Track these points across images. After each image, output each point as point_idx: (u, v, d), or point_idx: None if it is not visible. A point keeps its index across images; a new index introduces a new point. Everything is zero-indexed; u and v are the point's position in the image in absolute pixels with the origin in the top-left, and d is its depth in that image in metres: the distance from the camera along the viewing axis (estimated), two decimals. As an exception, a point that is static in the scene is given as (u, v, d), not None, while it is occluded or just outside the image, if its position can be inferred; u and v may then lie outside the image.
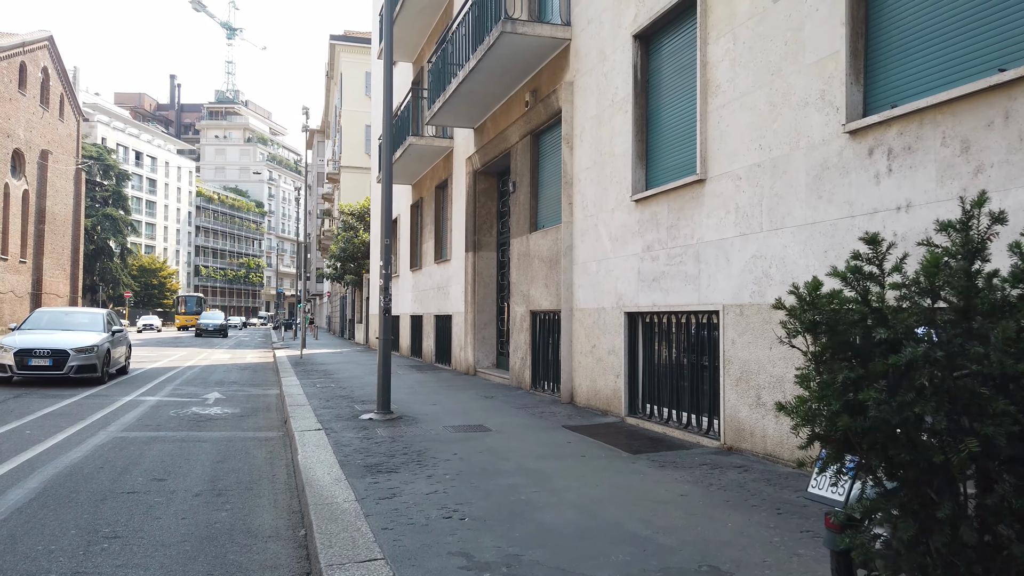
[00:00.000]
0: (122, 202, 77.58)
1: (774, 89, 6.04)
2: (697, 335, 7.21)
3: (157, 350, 26.44)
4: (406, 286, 21.23)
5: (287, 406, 9.95)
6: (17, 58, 41.04)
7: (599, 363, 9.01)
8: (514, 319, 12.14)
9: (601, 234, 9.06)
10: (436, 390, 11.78)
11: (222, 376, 15.85)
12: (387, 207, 8.86)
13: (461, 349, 15.15)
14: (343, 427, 7.90)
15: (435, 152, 16.80)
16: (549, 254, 10.69)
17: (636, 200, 8.17)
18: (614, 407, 8.61)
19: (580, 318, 9.60)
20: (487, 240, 14.51)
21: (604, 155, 8.99)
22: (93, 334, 13.41)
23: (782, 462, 5.83)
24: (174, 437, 7.94)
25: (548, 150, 11.20)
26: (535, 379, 11.32)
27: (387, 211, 8.85)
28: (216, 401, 11.28)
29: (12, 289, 41.40)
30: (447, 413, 9.05)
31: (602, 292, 9.00)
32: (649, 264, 7.92)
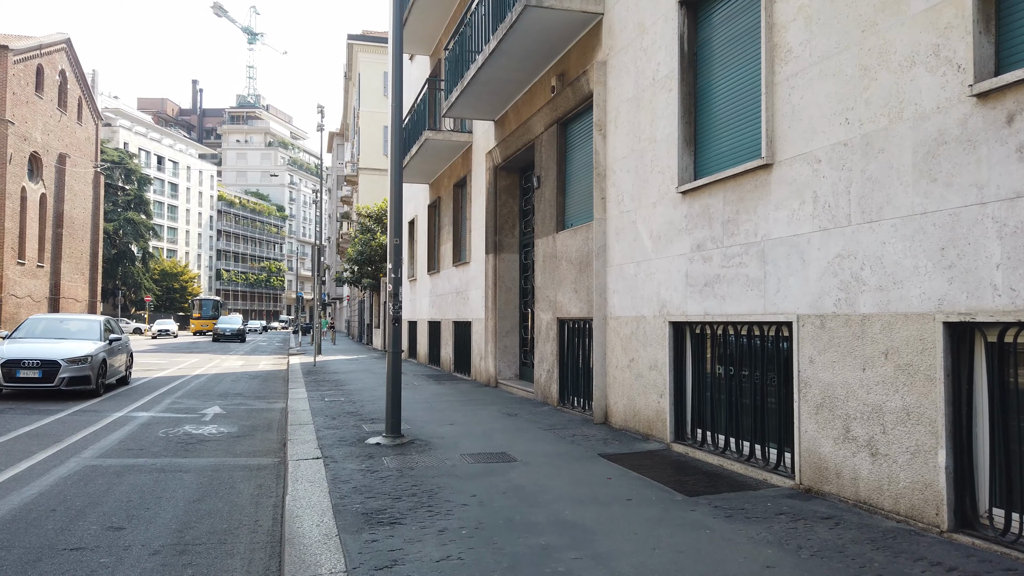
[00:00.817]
0: (143, 206, 77.60)
1: (866, 48, 4.89)
2: (762, 350, 6.07)
3: (168, 356, 25.68)
4: (424, 291, 20.21)
5: (289, 425, 8.95)
6: (34, 61, 40.75)
7: (638, 379, 7.88)
8: (539, 327, 11.04)
9: (640, 232, 7.94)
10: (453, 406, 10.71)
11: (228, 387, 14.92)
12: (396, 202, 7.80)
13: (481, 359, 14.08)
14: (346, 455, 6.84)
15: (453, 148, 15.76)
16: (578, 255, 9.58)
17: (683, 192, 7.04)
18: (657, 431, 7.48)
19: (615, 327, 8.48)
20: (509, 241, 13.43)
21: (643, 142, 7.87)
22: (88, 343, 12.52)
23: (881, 512, 4.67)
24: (153, 466, 6.94)
25: (577, 140, 10.10)
26: (563, 394, 10.21)
27: (396, 207, 7.80)
28: (214, 418, 10.30)
29: (30, 294, 41.07)
30: (465, 436, 7.97)
31: (641, 298, 7.88)
32: (700, 266, 6.79)
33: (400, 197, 7.84)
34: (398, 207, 7.80)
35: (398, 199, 7.81)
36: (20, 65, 39.14)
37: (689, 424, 7.16)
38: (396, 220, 7.76)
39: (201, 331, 58.66)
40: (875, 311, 4.75)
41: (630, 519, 4.69)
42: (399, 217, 7.77)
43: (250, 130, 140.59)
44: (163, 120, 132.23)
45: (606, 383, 8.71)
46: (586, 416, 9.25)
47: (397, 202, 7.81)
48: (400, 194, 7.84)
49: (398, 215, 7.77)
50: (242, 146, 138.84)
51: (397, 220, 7.76)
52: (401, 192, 7.85)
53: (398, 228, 7.75)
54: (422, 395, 12.18)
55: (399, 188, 7.82)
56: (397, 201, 7.81)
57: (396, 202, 7.80)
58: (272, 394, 13.62)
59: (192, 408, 11.27)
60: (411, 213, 22.47)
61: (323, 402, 11.21)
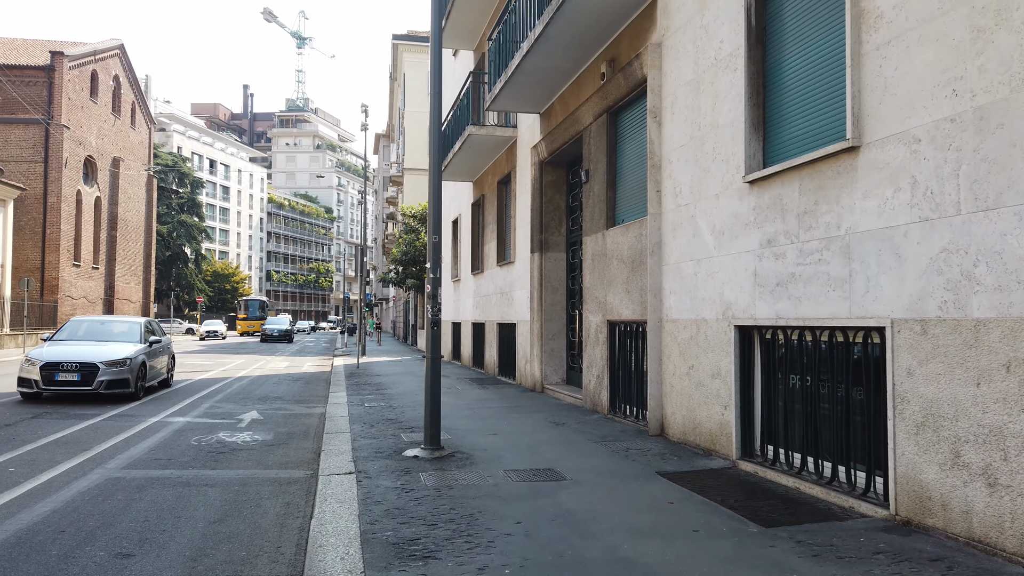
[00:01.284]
0: (196, 209, 79.15)
1: (979, 7, 4.15)
2: (846, 359, 5.34)
3: (215, 358, 25.75)
4: (467, 291, 19.73)
5: (325, 434, 8.51)
6: (88, 67, 41.66)
7: (699, 389, 7.19)
8: (588, 330, 10.40)
9: (700, 227, 7.24)
10: (497, 413, 10.15)
11: (269, 390, 14.64)
12: (436, 198, 7.26)
13: (527, 362, 13.49)
14: (380, 469, 6.33)
15: (497, 143, 15.21)
16: (631, 253, 8.92)
17: (750, 182, 6.34)
18: (721, 446, 6.78)
19: (672, 331, 7.80)
20: (555, 239, 12.81)
21: (704, 128, 7.17)
22: (128, 345, 12.33)
23: (1002, 555, 3.93)
24: (178, 479, 6.53)
25: (628, 130, 9.43)
26: (614, 402, 9.55)
27: (436, 202, 7.25)
28: (250, 424, 9.94)
29: (85, 295, 42.01)
30: (509, 448, 7.39)
31: (702, 300, 7.18)
32: (770, 264, 6.07)
33: (439, 192, 7.29)
34: (437, 202, 7.26)
35: (437, 194, 7.27)
36: (75, 71, 40.04)
37: (758, 440, 6.44)
38: (435, 216, 7.22)
39: (248, 332, 57.73)
40: (993, 315, 4.01)
41: (699, 557, 4.04)
42: (438, 213, 7.23)
43: (299, 133, 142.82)
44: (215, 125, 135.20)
45: (662, 392, 8.03)
46: (640, 427, 8.58)
47: (436, 197, 7.27)
48: (439, 189, 7.29)
49: (437, 211, 7.23)
50: (291, 149, 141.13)
51: (436, 216, 7.22)
52: (440, 187, 7.31)
53: (437, 225, 7.21)
54: (465, 400, 11.65)
55: (439, 182, 7.28)
56: (436, 196, 7.27)
57: (435, 197, 7.27)
58: (312, 398, 13.27)
59: (229, 413, 10.95)
60: (454, 212, 22.02)
61: (362, 407, 10.77)
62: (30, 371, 11.34)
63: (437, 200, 7.28)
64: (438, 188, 7.29)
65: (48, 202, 38.16)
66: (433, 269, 7.15)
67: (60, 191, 38.34)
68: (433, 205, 7.25)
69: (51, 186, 38.21)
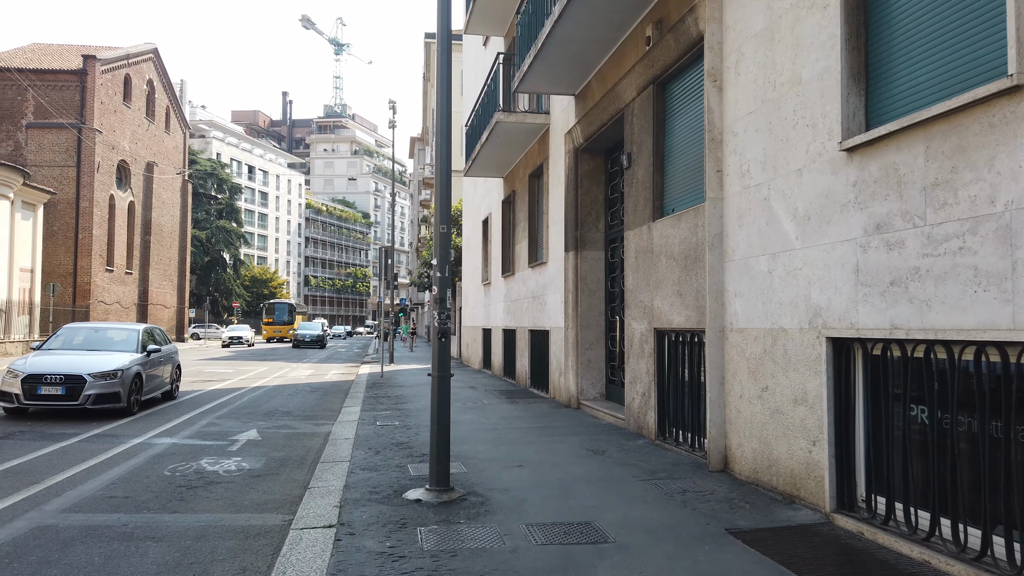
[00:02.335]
0: (234, 215, 79.36)
1: None
2: (1004, 386, 3.80)
3: (237, 365, 24.81)
4: (498, 295, 18.35)
5: (319, 463, 7.21)
6: (121, 71, 41.49)
7: (776, 417, 5.68)
8: (630, 339, 8.93)
9: (776, 212, 5.74)
10: (525, 435, 8.73)
11: (281, 402, 13.45)
12: (444, 180, 5.88)
13: (560, 374, 12.05)
14: (370, 521, 4.97)
15: (528, 132, 13.81)
16: (683, 249, 7.44)
17: (849, 149, 4.83)
18: (807, 492, 5.26)
19: (738, 344, 6.29)
20: (592, 236, 11.36)
21: (781, 87, 5.68)
22: (122, 355, 11.22)
23: None
24: (122, 528, 5.25)
25: (679, 103, 7.95)
26: (663, 425, 8.06)
27: (444, 185, 5.87)
28: (244, 447, 8.69)
29: (118, 300, 41.78)
30: (536, 487, 5.98)
31: (779, 304, 5.67)
32: (880, 256, 4.56)
33: (448, 172, 5.91)
34: (446, 187, 5.87)
35: (446, 178, 5.89)
36: (108, 75, 39.84)
37: (861, 487, 4.92)
38: (443, 202, 5.84)
39: (275, 337, 53.90)
40: None
41: None
42: (447, 198, 5.85)
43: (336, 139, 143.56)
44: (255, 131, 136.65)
45: (725, 417, 6.52)
46: (696, 458, 7.07)
47: (445, 181, 5.89)
48: (448, 169, 5.92)
49: (446, 196, 5.84)
50: (329, 155, 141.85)
51: (444, 202, 5.84)
52: (449, 168, 5.93)
53: (445, 211, 5.83)
54: (490, 418, 10.26)
55: (447, 161, 5.91)
56: (445, 180, 5.89)
57: (444, 181, 5.89)
58: (325, 412, 12.01)
59: (225, 432, 9.72)
60: (484, 211, 20.70)
61: (373, 427, 9.47)
62: (11, 384, 10.29)
63: (446, 185, 5.90)
64: (447, 170, 5.91)
65: (80, 207, 37.95)
66: (441, 265, 5.77)
67: (92, 196, 38.10)
68: (441, 189, 5.87)
69: (83, 191, 38.00)
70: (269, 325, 54.93)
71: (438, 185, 5.86)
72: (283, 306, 56.92)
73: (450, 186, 5.85)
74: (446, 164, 5.87)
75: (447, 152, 5.87)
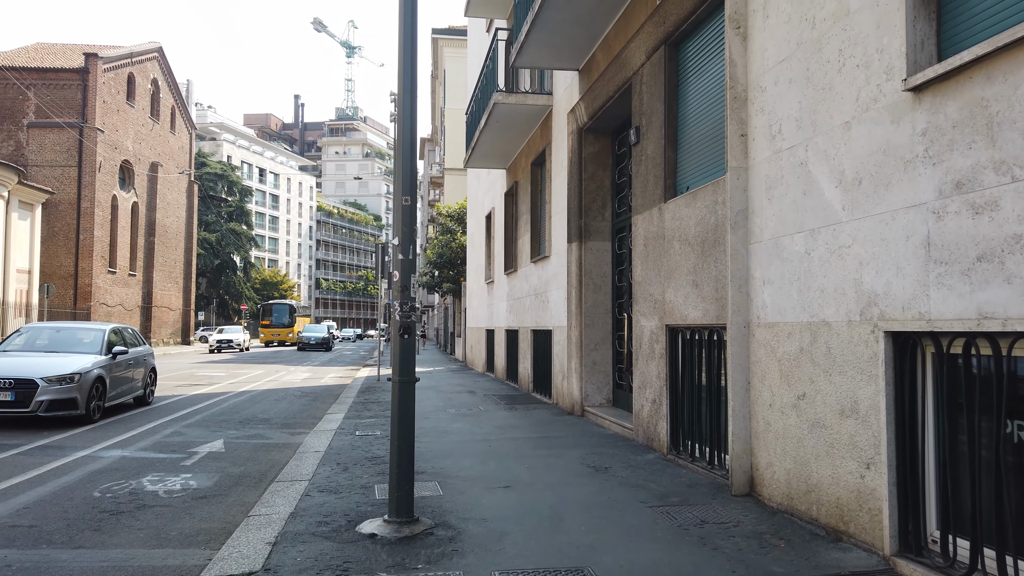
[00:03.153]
0: (245, 217, 78.83)
1: None
2: None
3: (232, 368, 23.88)
4: (501, 294, 17.28)
5: (274, 482, 6.19)
6: (124, 69, 40.82)
7: (817, 432, 4.58)
8: (639, 338, 7.84)
9: (816, 178, 4.65)
10: (520, 448, 7.66)
11: (263, 408, 12.45)
12: (408, 145, 4.83)
13: (564, 377, 10.96)
14: (303, 565, 3.94)
15: (530, 115, 12.75)
16: (700, 231, 6.35)
17: (917, 87, 3.74)
18: (860, 528, 4.16)
19: (767, 341, 5.20)
20: (598, 225, 10.28)
21: (822, 23, 4.59)
22: (82, 358, 10.25)
23: None
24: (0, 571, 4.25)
25: (695, 63, 6.87)
26: (676, 437, 6.96)
27: (408, 148, 4.82)
28: (200, 461, 7.68)
29: (121, 302, 41.09)
30: (522, 516, 4.91)
31: (820, 291, 4.58)
32: (963, 223, 3.47)
33: (411, 132, 4.86)
34: (409, 148, 4.82)
35: (410, 136, 4.85)
36: (110, 74, 39.16)
37: (932, 525, 3.81)
38: (406, 168, 4.78)
39: (273, 341, 49.43)
40: None
41: None
42: (411, 163, 4.80)
43: (348, 142, 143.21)
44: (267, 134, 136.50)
45: (751, 430, 5.43)
46: (716, 477, 5.97)
47: (408, 142, 4.84)
48: (411, 128, 4.87)
49: (409, 158, 4.79)
50: (340, 158, 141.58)
51: (408, 168, 4.78)
52: (412, 126, 4.88)
53: (409, 180, 4.78)
54: (484, 428, 9.21)
55: (411, 119, 4.85)
56: (408, 140, 4.84)
57: (407, 142, 4.84)
58: (305, 420, 10.99)
59: (187, 443, 8.72)
60: (488, 205, 19.67)
61: (351, 437, 8.44)
62: (-44, 389, 9.33)
63: (409, 148, 4.84)
64: (411, 129, 4.86)
65: (81, 207, 37.24)
66: (404, 246, 4.71)
67: (93, 196, 37.37)
68: (403, 153, 4.82)
69: (84, 191, 37.28)
70: (267, 328, 50.18)
71: (400, 147, 4.81)
72: (282, 307, 51.77)
73: (414, 150, 4.80)
74: (409, 123, 4.81)
75: (411, 107, 4.81)
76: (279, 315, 50.62)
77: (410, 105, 4.83)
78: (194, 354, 35.65)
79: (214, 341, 38.33)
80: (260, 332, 51.15)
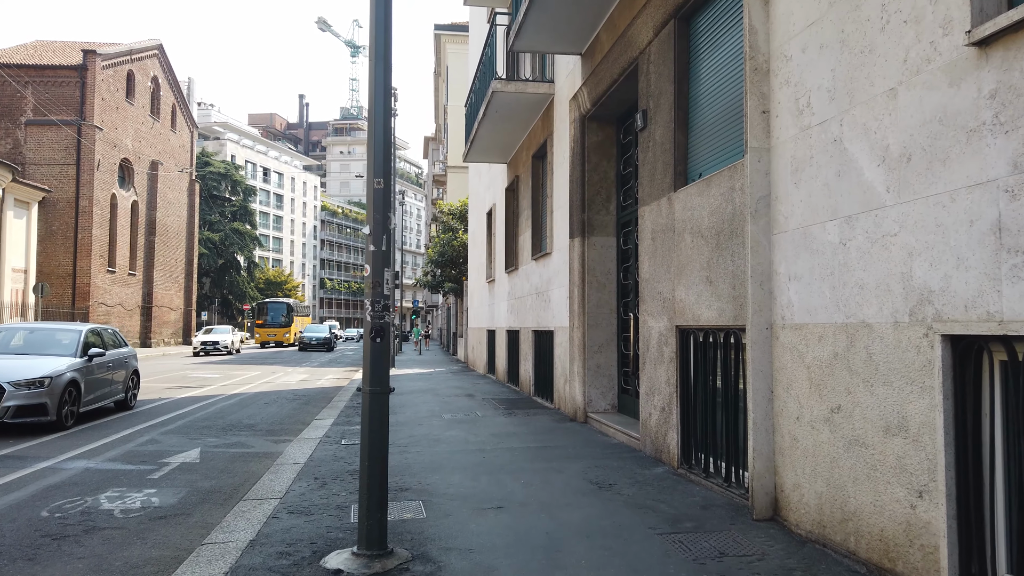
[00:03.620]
0: (249, 217, 78.40)
1: None
2: None
3: (228, 369, 23.31)
4: (502, 293, 16.66)
5: (241, 500, 5.59)
6: (124, 66, 40.34)
7: (855, 451, 3.94)
8: (646, 340, 7.21)
9: (854, 156, 4.01)
10: (517, 460, 7.03)
11: (250, 413, 11.85)
12: (380, 109, 4.21)
13: (566, 381, 10.34)
14: (249, 612, 3.32)
15: (530, 105, 12.12)
16: (714, 222, 5.72)
17: (983, 40, 3.11)
18: (910, 568, 3.52)
19: (795, 344, 4.56)
20: (602, 219, 9.64)
21: (860, -24, 3.95)
22: (54, 360, 9.68)
23: None
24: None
25: (708, 36, 6.23)
26: (688, 449, 6.32)
27: (380, 115, 4.20)
28: (170, 473, 7.08)
29: (120, 302, 40.60)
30: (513, 546, 4.28)
31: (859, 287, 3.94)
32: (1047, 202, 2.82)
33: (384, 102, 4.24)
34: (381, 122, 4.20)
35: (382, 106, 4.22)
36: (109, 71, 38.68)
37: (1002, 566, 3.17)
38: (378, 144, 4.16)
39: (268, 342, 46.15)
40: None
41: None
42: (384, 139, 4.17)
43: (353, 141, 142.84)
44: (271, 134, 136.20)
45: (775, 445, 4.79)
46: (733, 496, 5.33)
47: (380, 114, 4.22)
48: (384, 97, 4.24)
49: (382, 133, 4.17)
50: (345, 157, 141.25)
51: (380, 145, 4.16)
52: (386, 93, 4.26)
53: (381, 159, 4.16)
54: (480, 436, 8.58)
55: (384, 83, 4.23)
56: (381, 112, 4.22)
57: (379, 115, 4.21)
58: (294, 425, 10.39)
59: (160, 453, 8.12)
60: (489, 202, 19.05)
61: (335, 447, 7.84)
62: (-83, 394, 8.75)
63: (381, 121, 4.22)
64: (383, 98, 4.24)
65: (80, 205, 36.76)
66: (375, 235, 4.09)
67: (92, 194, 36.88)
68: (374, 128, 4.19)
69: (83, 189, 36.79)
70: (262, 327, 46.59)
71: (372, 120, 4.18)
72: (278, 305, 48.06)
73: (388, 124, 4.18)
74: (382, 88, 4.19)
75: (384, 70, 4.19)
76: (275, 314, 47.23)
77: (384, 67, 4.21)
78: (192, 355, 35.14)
79: (198, 343, 33.73)
80: (256, 332, 47.37)
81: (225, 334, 35.07)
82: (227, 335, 34.95)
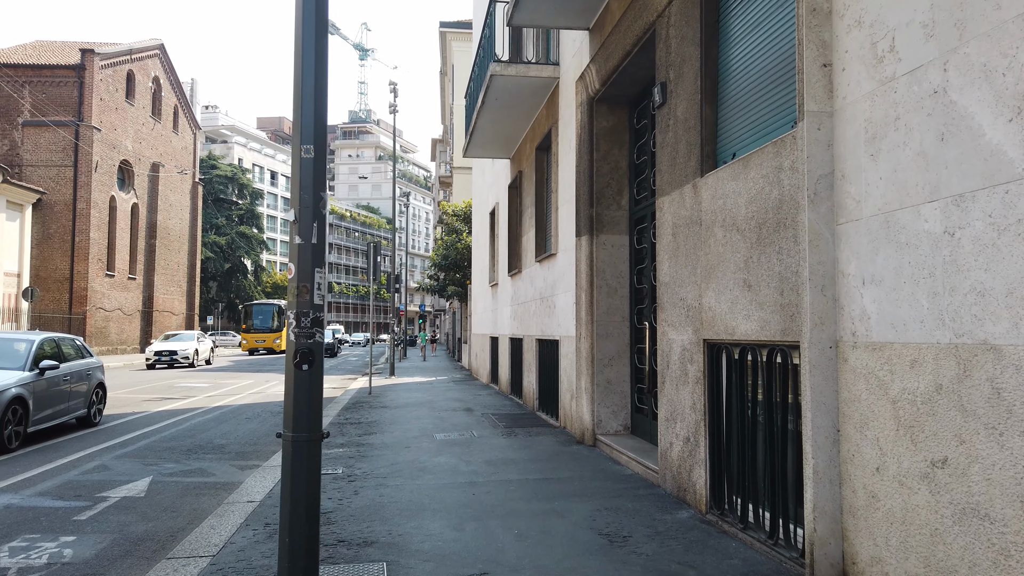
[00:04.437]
0: (256, 220, 77.75)
1: None
2: None
3: (218, 378, 22.27)
4: (505, 298, 15.53)
5: (165, 559, 4.49)
6: (124, 67, 39.54)
7: (972, 524, 2.79)
8: (666, 355, 6.06)
9: (967, 110, 2.87)
10: (513, 499, 5.89)
11: (227, 431, 10.77)
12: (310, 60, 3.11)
13: (572, 397, 9.20)
14: None
15: (534, 91, 11.00)
16: (754, 212, 4.57)
17: None
18: None
19: (873, 369, 3.41)
20: (613, 215, 8.51)
21: None
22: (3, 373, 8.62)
23: None
24: None
25: (744, -14, 5.10)
26: (719, 491, 5.17)
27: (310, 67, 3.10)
28: (104, 512, 6.00)
29: (119, 307, 39.75)
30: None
31: (976, 294, 2.79)
32: None
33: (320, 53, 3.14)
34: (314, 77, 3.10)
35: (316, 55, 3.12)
36: (108, 71, 37.88)
37: None
38: (308, 104, 3.06)
39: (257, 349, 41.46)
40: None
41: None
42: (318, 99, 3.07)
43: (361, 145, 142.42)
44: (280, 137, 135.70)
45: (843, 502, 3.64)
46: (781, 558, 4.17)
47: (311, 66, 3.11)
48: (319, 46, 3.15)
49: (314, 91, 3.06)
50: (353, 160, 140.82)
51: (311, 105, 3.06)
52: (321, 43, 3.17)
53: (313, 122, 3.05)
54: (472, 463, 7.45)
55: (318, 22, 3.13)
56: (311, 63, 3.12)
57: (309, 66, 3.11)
58: (269, 446, 9.29)
59: (102, 484, 7.04)
60: (492, 201, 17.95)
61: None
62: None
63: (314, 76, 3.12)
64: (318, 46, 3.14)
65: (77, 208, 35.94)
66: (303, 225, 2.98)
67: (90, 196, 36.05)
68: (303, 83, 3.08)
69: (80, 191, 35.97)
70: (248, 333, 41.99)
71: (300, 72, 3.08)
72: (266, 308, 43.24)
73: (323, 69, 3.07)
74: (314, 31, 3.08)
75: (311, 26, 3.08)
76: (263, 318, 42.39)
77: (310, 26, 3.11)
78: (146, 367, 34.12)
79: (151, 352, 27.28)
80: (243, 338, 42.62)
81: (187, 342, 28.55)
82: (189, 343, 28.42)
